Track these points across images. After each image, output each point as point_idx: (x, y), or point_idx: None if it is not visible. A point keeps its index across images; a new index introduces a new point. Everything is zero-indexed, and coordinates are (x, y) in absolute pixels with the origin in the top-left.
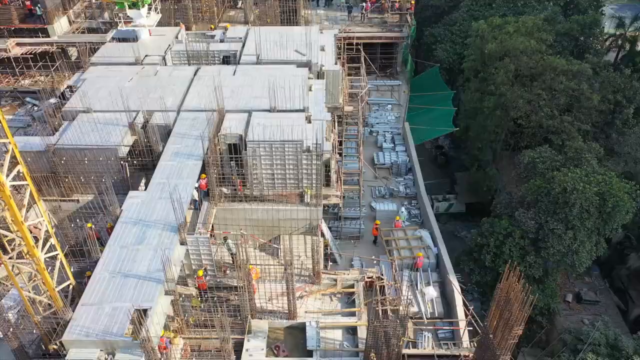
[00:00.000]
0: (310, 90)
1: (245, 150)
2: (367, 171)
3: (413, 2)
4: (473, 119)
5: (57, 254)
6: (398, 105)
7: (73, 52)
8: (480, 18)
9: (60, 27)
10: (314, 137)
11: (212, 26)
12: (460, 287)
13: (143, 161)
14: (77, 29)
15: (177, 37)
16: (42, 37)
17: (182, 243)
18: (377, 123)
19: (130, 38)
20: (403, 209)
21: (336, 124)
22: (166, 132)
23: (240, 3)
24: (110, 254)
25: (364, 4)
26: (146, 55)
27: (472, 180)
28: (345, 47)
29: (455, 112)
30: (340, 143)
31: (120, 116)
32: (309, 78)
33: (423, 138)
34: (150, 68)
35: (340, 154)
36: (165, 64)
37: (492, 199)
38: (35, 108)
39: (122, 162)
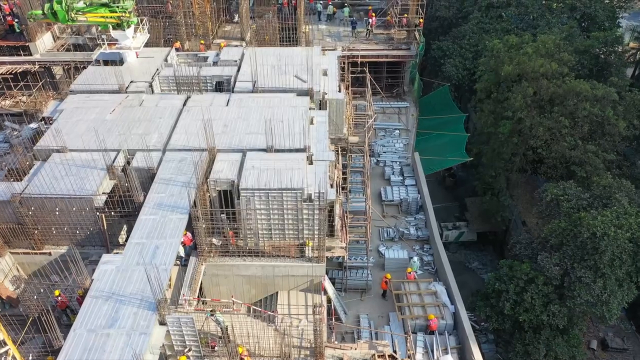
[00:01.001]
0: (311, 123)
1: (238, 199)
2: (374, 209)
3: (422, 19)
4: (486, 144)
5: (8, 349)
6: (406, 130)
7: (58, 70)
8: (491, 31)
9: (44, 44)
10: (316, 184)
11: (202, 41)
12: (473, 326)
13: (122, 212)
14: (62, 46)
15: (166, 60)
16: (24, 55)
17: (162, 323)
18: (384, 152)
19: (115, 61)
20: (415, 258)
21: (340, 155)
22: (149, 176)
23: (236, 17)
24: (75, 341)
25: (369, 19)
26: (131, 82)
27: (485, 208)
28: (349, 66)
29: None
30: (345, 176)
31: (99, 157)
32: (310, 108)
33: (434, 168)
34: (135, 97)
35: (344, 189)
36: (152, 91)
37: (507, 229)
38: (15, 133)
39: (98, 213)
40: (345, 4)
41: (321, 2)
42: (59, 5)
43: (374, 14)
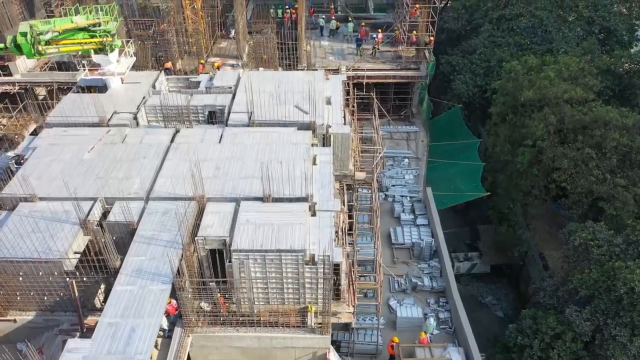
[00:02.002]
0: (314, 163)
1: (230, 261)
2: (383, 255)
3: (432, 37)
4: (501, 172)
5: None
6: (416, 158)
7: (40, 91)
8: (503, 45)
9: (25, 63)
10: (320, 244)
11: (201, 61)
12: None
13: (97, 277)
14: (45, 64)
15: (154, 86)
16: (3, 75)
17: None
18: (393, 185)
19: (98, 87)
20: (432, 319)
21: (345, 192)
22: (128, 233)
23: (232, 33)
24: None
25: (374, 35)
26: (114, 113)
27: (499, 240)
28: (354, 87)
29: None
30: (351, 219)
31: (73, 207)
32: (312, 144)
33: (447, 202)
34: (118, 132)
35: (350, 233)
36: (138, 124)
37: (523, 262)
38: None
39: (68, 278)
40: (350, 19)
41: (323, 16)
42: (23, 37)
43: (379, 30)
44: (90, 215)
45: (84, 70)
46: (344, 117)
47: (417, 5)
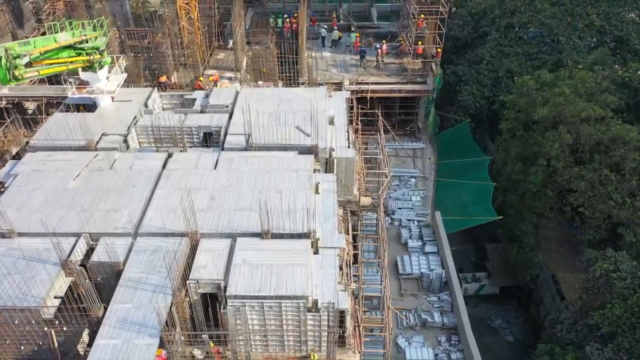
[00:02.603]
0: (317, 191)
1: (225, 308)
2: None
3: (440, 49)
4: (513, 192)
5: None
6: (423, 178)
7: (30, 105)
8: (512, 55)
9: None
10: (323, 286)
11: (201, 78)
12: None
13: (78, 326)
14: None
15: (146, 105)
16: None
17: None
18: (399, 208)
19: (87, 105)
20: None
21: (349, 219)
22: (114, 274)
23: (230, 43)
24: None
25: (378, 46)
26: (103, 135)
27: (509, 261)
28: (358, 102)
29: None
30: (356, 250)
31: (54, 243)
32: (314, 170)
33: (457, 226)
34: (106, 156)
35: (355, 262)
36: (128, 147)
37: (534, 283)
38: None
39: (46, 328)
40: (353, 30)
41: (325, 26)
42: None
43: (384, 41)
44: (72, 255)
45: (72, 88)
46: (348, 138)
47: (423, 16)
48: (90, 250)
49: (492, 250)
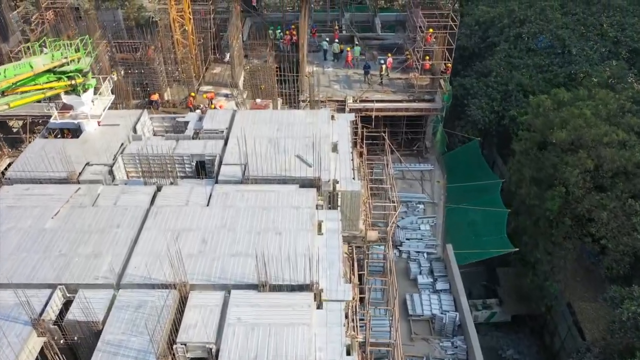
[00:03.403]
0: (320, 231)
1: None
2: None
3: (449, 65)
4: (527, 216)
5: None
6: (432, 203)
7: (14, 123)
8: (522, 67)
9: None
10: (328, 349)
11: (192, 94)
12: None
13: None
14: None
15: (135, 130)
16: None
17: None
18: (408, 239)
19: (72, 129)
20: None
21: (355, 256)
22: (93, 334)
23: (227, 56)
24: None
25: (382, 61)
26: (87, 165)
27: (523, 288)
28: (362, 121)
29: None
30: (362, 294)
31: (23, 301)
32: (317, 206)
33: (469, 258)
34: (89, 191)
35: (362, 301)
36: (114, 178)
37: (549, 312)
38: None
39: None
40: (356, 42)
41: (327, 38)
42: None
43: (389, 54)
44: (46, 312)
45: (54, 112)
46: (353, 167)
47: (432, 30)
48: (67, 304)
49: (503, 275)
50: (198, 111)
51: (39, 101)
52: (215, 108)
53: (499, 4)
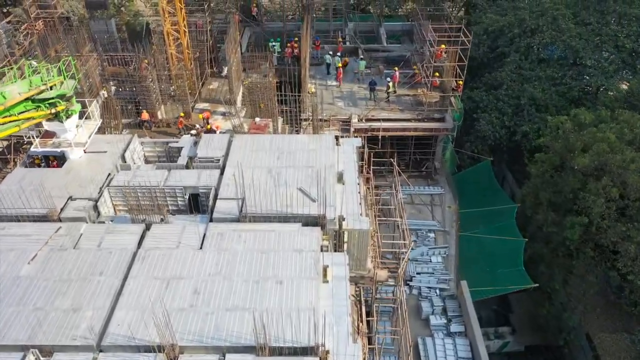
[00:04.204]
0: (325, 278)
1: None
2: None
3: (461, 82)
4: (543, 243)
5: None
6: (443, 232)
7: None
8: (533, 79)
9: None
10: None
11: (182, 114)
12: None
13: None
14: None
15: (123, 158)
16: None
17: None
18: (419, 273)
19: (57, 156)
20: None
21: (362, 299)
22: None
23: (225, 70)
24: None
25: (388, 78)
26: (69, 199)
27: (538, 317)
28: (367, 142)
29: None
30: (371, 344)
31: None
32: (322, 247)
33: (483, 294)
34: (70, 230)
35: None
36: (99, 215)
37: (567, 343)
38: None
39: None
40: (361, 56)
41: (330, 52)
42: None
43: (396, 68)
44: None
45: (33, 141)
46: (360, 201)
47: (444, 46)
48: None
49: (517, 301)
50: (193, 131)
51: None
52: (211, 128)
53: (509, 12)
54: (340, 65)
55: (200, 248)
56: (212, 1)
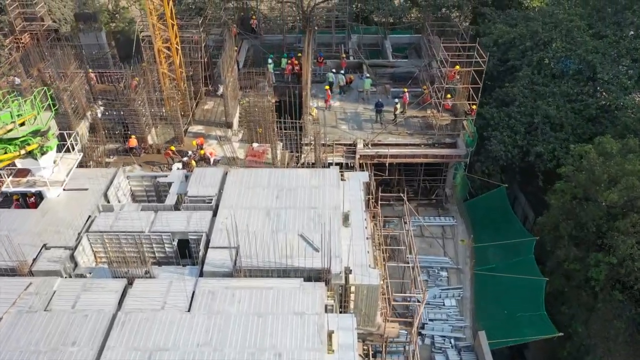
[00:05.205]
0: (330, 347)
1: None
2: None
3: (475, 106)
4: (564, 281)
5: None
6: (457, 269)
7: None
8: (547, 95)
9: None
10: None
11: (172, 148)
12: None
13: None
14: None
15: (106, 196)
16: None
17: None
18: (431, 320)
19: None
20: None
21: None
22: None
23: (221, 89)
24: None
25: (396, 100)
26: (43, 248)
27: (556, 356)
28: (373, 169)
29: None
30: None
31: None
32: (326, 308)
33: (502, 343)
34: (42, 287)
35: None
36: (76, 266)
37: None
38: None
39: None
40: (367, 74)
41: (333, 69)
42: None
43: (405, 89)
44: None
45: (4, 181)
46: (368, 249)
47: (458, 67)
48: None
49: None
50: (182, 161)
51: None
52: (205, 155)
53: (519, 23)
54: (327, 88)
55: (189, 310)
56: (208, 15)
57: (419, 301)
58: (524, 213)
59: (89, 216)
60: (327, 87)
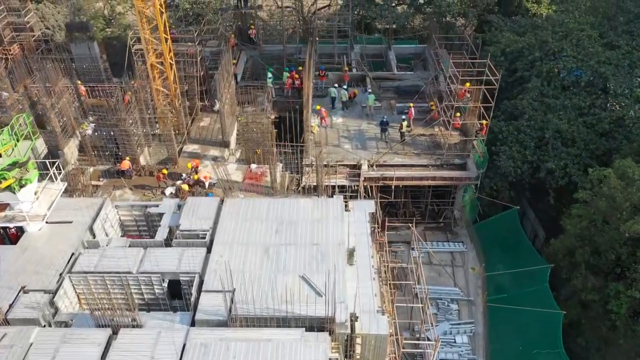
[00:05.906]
0: None
1: None
2: None
3: (486, 123)
4: (582, 312)
5: None
6: (468, 301)
7: None
8: (558, 108)
9: None
10: None
11: (164, 171)
12: None
13: None
14: None
15: (92, 231)
16: None
17: None
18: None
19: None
20: None
21: None
22: None
23: (218, 104)
24: None
25: (403, 117)
26: (21, 291)
27: None
28: (379, 192)
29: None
30: None
31: None
32: None
33: None
34: (17, 338)
35: None
36: (56, 311)
37: None
38: None
39: None
40: (369, 89)
41: (335, 84)
42: None
43: (411, 104)
44: None
45: None
46: (376, 292)
47: (469, 85)
48: None
49: None
50: (174, 187)
51: None
52: (199, 179)
53: (528, 32)
54: (318, 108)
55: None
56: (204, 26)
57: (428, 339)
58: (534, 230)
59: (72, 254)
60: (318, 106)
